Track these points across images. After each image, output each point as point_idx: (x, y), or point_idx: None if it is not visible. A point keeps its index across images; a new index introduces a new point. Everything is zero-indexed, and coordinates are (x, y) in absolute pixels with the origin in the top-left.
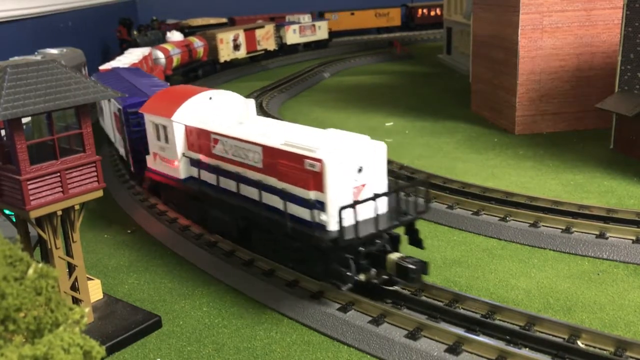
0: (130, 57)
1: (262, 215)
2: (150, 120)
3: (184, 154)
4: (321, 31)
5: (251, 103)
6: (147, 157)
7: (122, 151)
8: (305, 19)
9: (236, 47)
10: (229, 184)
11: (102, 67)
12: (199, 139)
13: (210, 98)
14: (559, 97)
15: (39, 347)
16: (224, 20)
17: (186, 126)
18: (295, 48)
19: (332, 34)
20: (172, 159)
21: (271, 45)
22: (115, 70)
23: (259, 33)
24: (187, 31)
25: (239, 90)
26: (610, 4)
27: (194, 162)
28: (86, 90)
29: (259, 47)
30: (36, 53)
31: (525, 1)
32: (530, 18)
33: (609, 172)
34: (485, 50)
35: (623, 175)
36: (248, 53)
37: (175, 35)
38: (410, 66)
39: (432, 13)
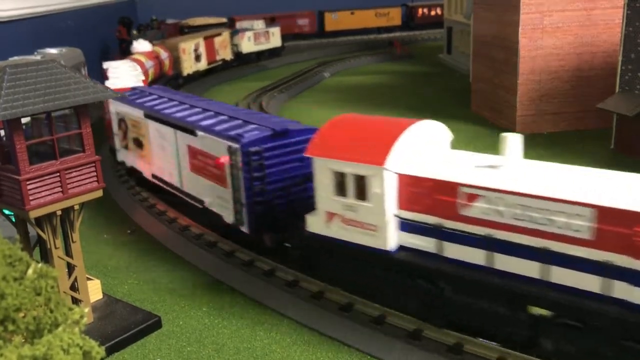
0: (128, 71)
1: (607, 315)
2: (329, 167)
3: (395, 215)
4: (274, 38)
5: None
6: (311, 217)
7: (209, 202)
8: (259, 24)
9: (197, 57)
10: (513, 263)
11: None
12: (432, 193)
13: (420, 131)
14: (560, 97)
15: (39, 348)
16: (224, 20)
17: (401, 175)
18: (250, 57)
19: (332, 33)
20: (372, 223)
21: (228, 54)
22: (145, 91)
23: (217, 41)
24: (187, 31)
25: (239, 90)
26: (610, 4)
27: (419, 228)
28: (86, 90)
29: (217, 57)
30: (35, 53)
31: (526, 1)
32: (531, 18)
33: None
34: (486, 49)
35: None
36: (209, 64)
37: (142, 45)
38: (411, 66)
39: (433, 13)
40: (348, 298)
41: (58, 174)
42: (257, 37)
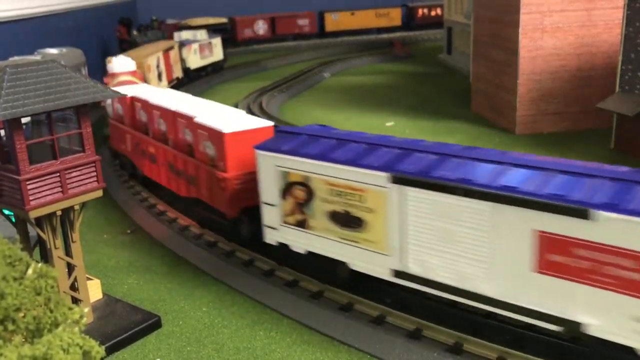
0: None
1: None
2: None
3: None
4: (217, 50)
5: None
6: None
7: (599, 326)
8: (203, 34)
9: (159, 75)
10: None
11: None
12: None
13: None
14: (560, 97)
15: (38, 347)
16: (224, 20)
17: None
18: (197, 74)
19: (333, 34)
20: None
21: (179, 71)
22: (321, 135)
23: (172, 56)
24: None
25: (239, 90)
26: (610, 4)
27: None
28: (86, 90)
29: (173, 75)
30: (36, 53)
31: (526, 1)
32: (531, 18)
33: None
34: (486, 50)
35: None
36: (169, 83)
37: (123, 63)
38: (411, 66)
39: (433, 13)
40: (348, 298)
41: (58, 174)
42: (202, 49)
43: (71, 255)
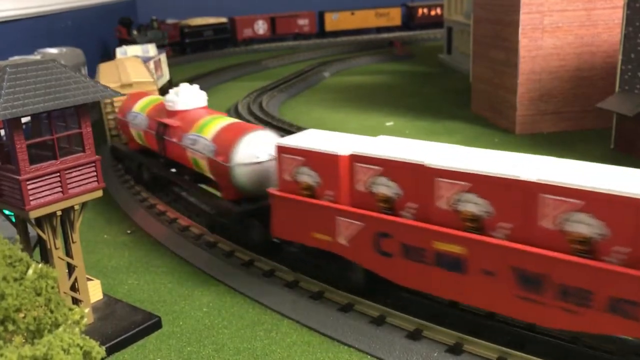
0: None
1: None
2: None
3: None
4: (165, 68)
5: None
6: None
7: None
8: (153, 50)
9: None
10: None
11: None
12: None
13: None
14: (560, 97)
15: (39, 348)
16: (224, 19)
17: None
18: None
19: (333, 33)
20: None
21: None
22: None
23: None
24: (187, 31)
25: (239, 90)
26: (610, 4)
27: None
28: (86, 90)
29: None
30: (35, 53)
31: (526, 1)
32: (531, 18)
33: None
34: (486, 50)
35: None
36: None
37: (192, 96)
38: (410, 66)
39: (433, 13)
40: (348, 298)
41: (58, 174)
42: (156, 67)
43: (71, 256)
